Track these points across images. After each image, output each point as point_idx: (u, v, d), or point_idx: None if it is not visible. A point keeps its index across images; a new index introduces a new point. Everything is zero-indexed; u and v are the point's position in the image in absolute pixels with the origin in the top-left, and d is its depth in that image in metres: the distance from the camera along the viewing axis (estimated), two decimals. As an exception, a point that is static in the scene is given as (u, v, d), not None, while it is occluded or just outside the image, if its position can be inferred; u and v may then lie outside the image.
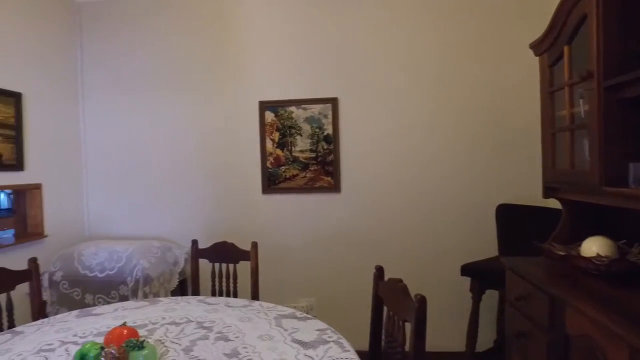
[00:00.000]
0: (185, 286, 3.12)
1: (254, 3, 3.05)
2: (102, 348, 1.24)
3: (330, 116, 2.95)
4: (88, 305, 2.65)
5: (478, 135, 2.84)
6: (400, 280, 1.42)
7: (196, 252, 2.40)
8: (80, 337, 1.56)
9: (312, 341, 1.43)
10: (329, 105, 2.94)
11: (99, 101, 3.25)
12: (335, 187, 2.97)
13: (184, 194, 3.17)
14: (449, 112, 2.87)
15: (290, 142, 3.01)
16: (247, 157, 3.08)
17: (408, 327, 1.32)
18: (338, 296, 2.98)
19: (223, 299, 1.99)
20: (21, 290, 1.96)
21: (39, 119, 2.84)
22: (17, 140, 2.65)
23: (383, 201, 2.94)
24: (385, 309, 1.58)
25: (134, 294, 2.60)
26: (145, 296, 2.60)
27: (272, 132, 3.04)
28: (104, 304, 2.65)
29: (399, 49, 2.91)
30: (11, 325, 1.87)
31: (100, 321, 1.72)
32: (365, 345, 1.63)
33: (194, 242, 2.42)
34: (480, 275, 2.42)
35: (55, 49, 3.02)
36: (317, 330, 1.54)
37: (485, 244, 2.70)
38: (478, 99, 2.84)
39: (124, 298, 2.62)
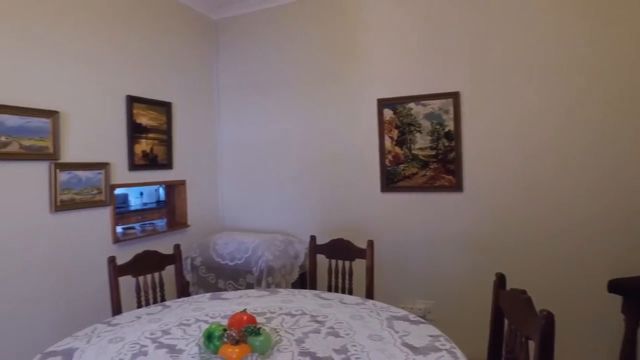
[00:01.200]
0: (305, 279, 3.27)
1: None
2: (225, 330, 1.37)
3: (451, 112, 2.79)
4: (221, 289, 2.96)
5: (633, 130, 2.38)
6: (524, 292, 1.28)
7: (314, 248, 2.50)
8: (210, 317, 1.75)
9: (422, 347, 1.38)
10: (449, 100, 2.79)
11: (232, 106, 3.60)
12: (456, 187, 2.81)
13: (305, 190, 3.32)
14: (597, 102, 2.45)
15: (410, 139, 2.94)
16: (366, 156, 3.09)
17: (532, 345, 1.18)
18: (456, 302, 2.81)
19: (337, 295, 2.03)
20: (171, 271, 2.27)
21: (183, 124, 3.26)
22: (168, 143, 3.09)
23: (511, 203, 2.67)
24: (506, 321, 1.44)
25: (258, 283, 2.82)
26: (268, 286, 2.80)
27: (390, 130, 3.00)
28: (232, 290, 2.94)
29: (533, 32, 2.60)
30: (162, 299, 2.19)
31: (227, 305, 1.90)
32: (481, 358, 1.51)
33: (312, 238, 2.52)
34: (637, 294, 2.04)
35: (197, 63, 3.43)
36: (430, 336, 1.47)
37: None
38: (636, 86, 2.38)
39: (249, 286, 2.86)
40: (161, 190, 6.33)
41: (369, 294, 2.25)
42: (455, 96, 2.78)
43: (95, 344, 1.51)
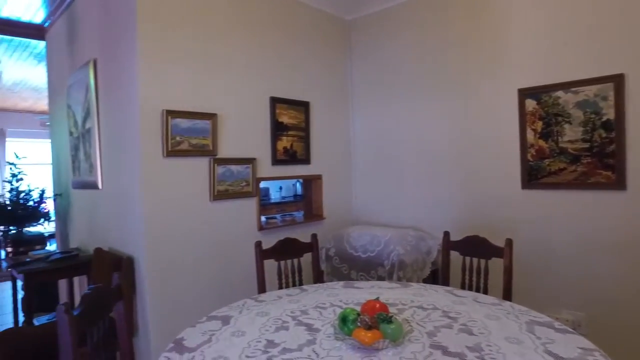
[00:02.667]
0: (437, 276, 3.21)
1: (515, -18, 2.82)
2: (359, 314, 1.45)
3: (611, 98, 2.43)
4: (353, 280, 3.09)
5: None
6: None
7: (447, 244, 2.44)
8: (344, 302, 1.86)
9: (571, 359, 1.26)
10: (609, 85, 2.43)
11: (365, 103, 3.69)
12: (617, 184, 2.44)
13: (438, 186, 3.25)
14: None
15: (557, 131, 2.65)
16: (504, 150, 2.89)
17: None
18: (616, 318, 2.45)
19: (472, 293, 1.96)
20: (307, 258, 2.47)
21: (320, 122, 3.47)
22: (306, 140, 3.32)
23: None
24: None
25: (389, 276, 2.86)
26: (399, 280, 2.82)
27: (533, 122, 2.75)
28: (364, 281, 3.04)
29: None
30: (300, 283, 2.39)
31: (359, 294, 1.99)
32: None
33: (446, 234, 2.46)
34: None
35: (332, 63, 3.61)
36: (580, 348, 1.33)
37: None
38: None
39: (380, 278, 2.92)
40: (298, 185, 6.83)
41: (506, 295, 2.11)
42: (617, 80, 2.42)
43: (245, 315, 1.74)
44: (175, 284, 2.51)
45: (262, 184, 3.23)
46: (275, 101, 3.08)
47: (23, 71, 5.47)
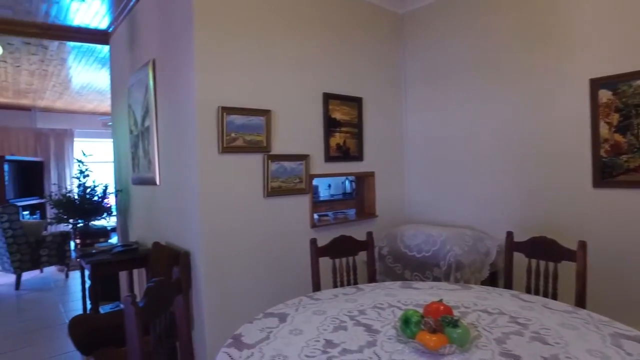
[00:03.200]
0: (496, 278, 3.04)
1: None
2: (422, 317, 1.37)
3: None
4: (406, 280, 2.99)
5: None
6: None
7: (511, 245, 2.29)
8: (403, 303, 1.78)
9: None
10: (702, 72, 2.18)
11: (418, 97, 3.57)
12: None
13: (496, 184, 3.08)
14: None
15: (637, 124, 2.42)
16: (572, 146, 2.68)
17: None
18: None
19: (540, 298, 1.82)
20: (361, 257, 2.41)
21: (372, 118, 3.39)
22: (358, 136, 3.26)
23: None
24: None
25: (445, 277, 2.74)
26: (457, 281, 2.70)
27: (608, 114, 2.53)
28: (418, 281, 2.93)
29: None
30: (354, 282, 2.34)
31: (418, 295, 1.90)
32: None
33: (509, 234, 2.32)
34: None
35: (384, 57, 3.52)
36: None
37: None
38: None
39: (436, 279, 2.81)
40: (347, 183, 6.78)
41: (580, 303, 1.95)
42: None
43: (302, 313, 1.71)
44: (230, 279, 2.54)
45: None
46: (328, 97, 3.04)
47: (89, 75, 5.80)
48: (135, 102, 3.39)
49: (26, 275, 5.65)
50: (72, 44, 4.52)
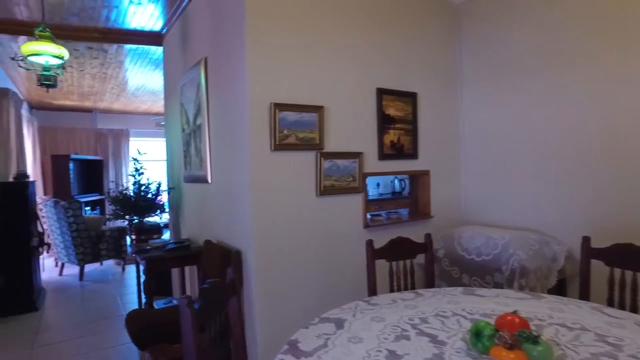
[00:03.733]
0: (564, 287, 2.80)
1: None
2: (496, 330, 1.24)
3: None
4: (464, 284, 2.82)
5: None
6: None
7: (588, 251, 2.08)
8: (468, 312, 1.64)
9: None
10: None
11: (476, 92, 3.36)
12: None
13: (563, 184, 2.83)
14: None
15: None
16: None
17: None
18: None
19: (629, 314, 1.61)
20: (415, 260, 2.28)
21: (427, 114, 3.23)
22: (413, 133, 3.12)
23: None
24: None
25: (508, 284, 2.55)
26: (521, 288, 2.50)
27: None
28: (478, 286, 2.75)
29: None
30: (412, 287, 2.22)
31: (484, 303, 1.75)
32: None
33: (586, 240, 2.10)
34: None
35: (439, 51, 3.34)
36: None
37: None
38: None
39: (497, 285, 2.62)
40: (396, 182, 6.59)
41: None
42: None
43: (359, 319, 1.62)
44: (281, 278, 2.49)
45: (366, 180, 3.09)
46: (381, 92, 2.92)
47: (143, 77, 6.02)
48: (187, 100, 3.43)
49: (88, 267, 5.95)
50: (128, 46, 4.68)
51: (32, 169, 6.78)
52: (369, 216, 3.07)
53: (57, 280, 5.77)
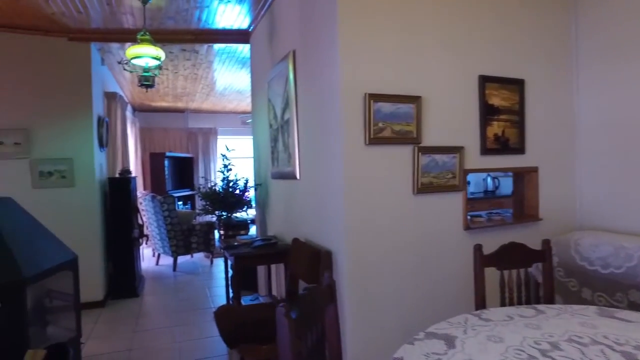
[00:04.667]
0: None
1: None
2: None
3: None
4: (585, 300, 2.43)
5: None
6: None
7: None
8: (614, 341, 1.34)
9: None
10: None
11: (595, 77, 2.89)
12: None
13: None
14: None
15: None
16: None
17: None
18: None
19: None
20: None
21: (536, 103, 2.85)
22: (520, 125, 2.76)
23: None
24: None
25: (646, 303, 2.13)
26: (664, 309, 2.07)
27: None
28: (604, 305, 2.35)
29: None
30: (527, 300, 1.92)
31: (632, 330, 1.43)
32: None
33: None
34: None
35: (549, 31, 2.92)
36: None
37: None
38: None
39: (633, 305, 2.20)
40: (489, 180, 6.09)
41: None
42: None
43: (472, 337, 1.40)
44: (374, 282, 2.31)
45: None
46: (484, 80, 2.61)
47: (230, 77, 6.20)
48: (274, 95, 3.39)
49: (180, 259, 6.29)
50: (217, 47, 4.82)
51: (134, 166, 7.35)
52: (468, 217, 2.77)
53: (154, 269, 6.17)
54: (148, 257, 6.78)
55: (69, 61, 4.28)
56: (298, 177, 2.93)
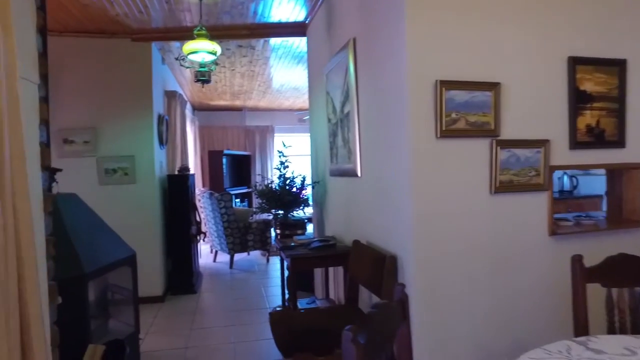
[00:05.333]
0: None
1: None
2: None
3: None
4: None
5: None
6: None
7: None
8: None
9: None
10: None
11: None
12: None
13: None
14: None
15: None
16: None
17: None
18: None
19: None
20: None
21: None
22: (619, 114, 2.36)
23: None
24: None
25: None
26: None
27: None
28: None
29: None
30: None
31: None
32: None
33: None
34: None
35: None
36: None
37: None
38: None
39: None
40: (565, 179, 5.51)
41: None
42: None
43: (581, 373, 1.12)
44: (445, 294, 2.05)
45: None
46: (575, 62, 2.25)
47: (286, 73, 6.13)
48: (333, 88, 3.21)
49: (237, 257, 6.30)
50: (273, 42, 4.73)
51: (193, 163, 7.51)
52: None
53: (211, 266, 6.24)
54: (206, 253, 6.89)
55: (132, 61, 4.37)
56: (359, 174, 2.72)
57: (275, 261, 6.32)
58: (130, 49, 4.36)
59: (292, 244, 3.09)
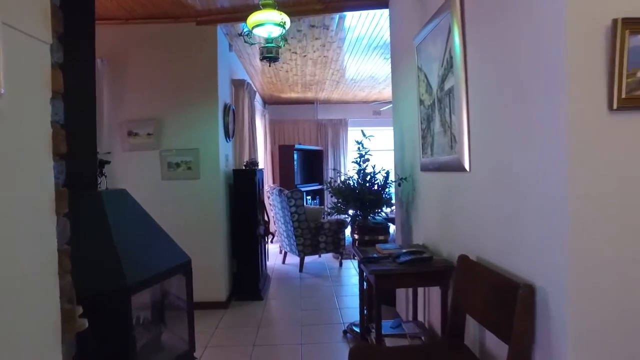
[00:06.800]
0: None
1: None
2: None
3: None
4: None
5: None
6: None
7: None
8: None
9: None
10: None
11: None
12: None
13: None
14: None
15: None
16: None
17: None
18: None
19: None
20: None
21: None
22: None
23: None
24: None
25: None
26: None
27: None
28: None
29: None
30: None
31: None
32: None
33: None
34: None
35: None
36: None
37: None
38: None
39: None
40: None
41: None
42: None
43: None
44: (621, 353, 1.34)
45: None
46: None
47: (359, 63, 5.56)
48: (428, 61, 2.55)
49: (307, 259, 5.84)
50: (348, 24, 4.16)
51: (263, 158, 7.19)
52: None
53: (280, 268, 5.84)
54: (274, 253, 6.52)
55: (197, 48, 4.04)
56: (467, 167, 2.05)
57: (349, 265, 5.77)
58: (195, 34, 4.03)
59: (375, 254, 2.50)
